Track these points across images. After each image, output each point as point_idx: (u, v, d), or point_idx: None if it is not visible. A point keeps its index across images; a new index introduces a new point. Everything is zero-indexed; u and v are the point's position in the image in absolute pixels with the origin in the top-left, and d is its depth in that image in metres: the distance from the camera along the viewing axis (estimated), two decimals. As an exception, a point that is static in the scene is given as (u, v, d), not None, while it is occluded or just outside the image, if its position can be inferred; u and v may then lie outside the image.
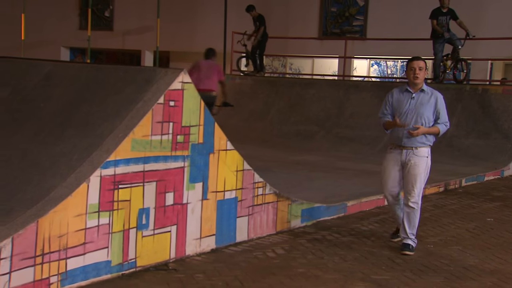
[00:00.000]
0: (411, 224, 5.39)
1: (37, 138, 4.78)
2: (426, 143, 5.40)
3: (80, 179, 4.18)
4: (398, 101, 5.47)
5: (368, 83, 15.56)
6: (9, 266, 3.71)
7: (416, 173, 5.32)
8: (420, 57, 5.48)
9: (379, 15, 16.86)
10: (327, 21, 17.80)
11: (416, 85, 5.40)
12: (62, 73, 5.49)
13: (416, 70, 5.35)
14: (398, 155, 5.41)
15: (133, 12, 19.57)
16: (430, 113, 5.38)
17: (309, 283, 4.56)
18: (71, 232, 4.06)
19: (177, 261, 4.84)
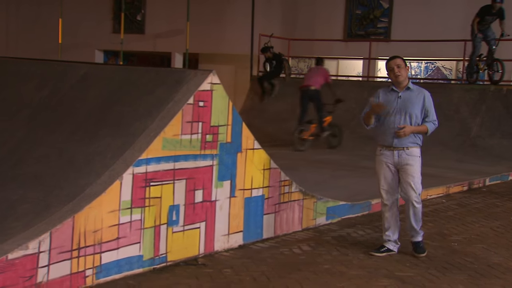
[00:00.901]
0: (418, 220, 5.21)
1: (73, 137, 4.84)
2: (417, 143, 5.17)
3: (114, 176, 4.22)
4: (384, 101, 5.18)
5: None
6: (47, 259, 3.77)
7: (413, 173, 5.10)
8: (396, 56, 5.25)
9: (404, 17, 16.69)
10: (352, 23, 17.69)
11: (400, 83, 5.15)
12: (97, 74, 5.55)
13: (395, 69, 5.12)
14: (389, 156, 5.15)
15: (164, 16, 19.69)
16: (419, 111, 5.12)
17: (334, 279, 4.54)
18: (105, 228, 4.11)
19: (206, 256, 4.86)
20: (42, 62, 6.29)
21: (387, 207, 5.22)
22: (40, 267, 3.72)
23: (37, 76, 5.73)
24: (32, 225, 3.89)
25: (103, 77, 5.52)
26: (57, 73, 5.73)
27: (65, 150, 4.75)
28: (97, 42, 20.65)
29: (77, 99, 5.26)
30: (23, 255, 3.63)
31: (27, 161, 4.82)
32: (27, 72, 5.87)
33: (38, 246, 3.70)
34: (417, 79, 17.62)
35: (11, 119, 5.31)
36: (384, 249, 5.22)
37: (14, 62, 6.25)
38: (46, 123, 5.15)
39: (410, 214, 5.18)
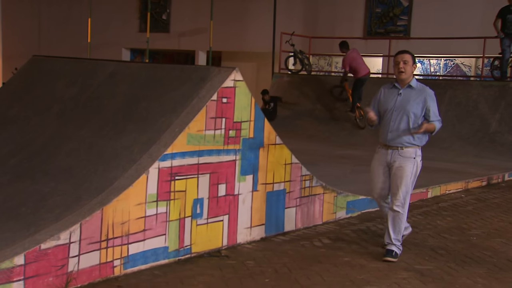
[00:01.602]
0: (396, 229, 4.78)
1: (102, 132, 4.89)
2: (414, 143, 4.79)
3: (140, 170, 4.25)
4: (385, 97, 4.93)
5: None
6: (78, 249, 3.82)
7: (402, 175, 4.74)
8: (406, 51, 4.90)
9: (423, 15, 16.52)
10: (372, 22, 17.56)
11: (402, 80, 4.84)
12: (124, 72, 5.59)
13: (400, 64, 4.78)
14: (383, 155, 4.86)
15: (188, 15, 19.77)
16: (418, 110, 4.77)
17: (354, 271, 4.53)
18: (132, 220, 4.15)
19: (229, 248, 4.88)
20: (73, 60, 6.35)
21: (385, 208, 5.02)
22: (71, 257, 3.78)
23: (68, 73, 5.79)
24: (63, 217, 3.94)
25: (130, 74, 5.56)
26: (87, 71, 5.79)
27: (94, 145, 4.80)
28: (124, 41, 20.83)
29: (105, 95, 5.31)
30: (55, 245, 3.68)
31: (58, 155, 4.87)
32: (58, 70, 5.94)
33: (69, 237, 3.76)
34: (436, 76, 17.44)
35: (43, 115, 5.38)
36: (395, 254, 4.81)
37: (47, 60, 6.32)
38: (76, 119, 5.20)
39: (390, 218, 4.80)
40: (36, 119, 5.37)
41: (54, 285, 3.69)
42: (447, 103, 12.31)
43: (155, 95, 5.03)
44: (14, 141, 5.21)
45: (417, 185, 7.56)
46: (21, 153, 5.02)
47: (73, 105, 5.37)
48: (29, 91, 5.80)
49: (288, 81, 14.87)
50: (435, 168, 9.25)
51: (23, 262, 3.53)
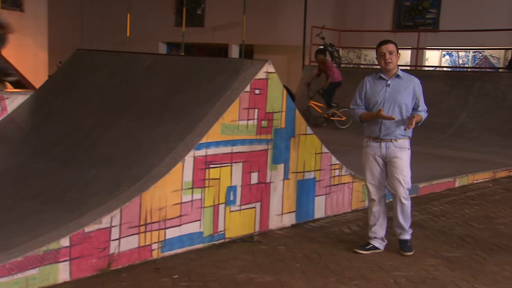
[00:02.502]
0: (406, 217, 4.60)
1: (140, 122, 4.94)
2: (406, 134, 4.51)
3: (177, 159, 4.29)
4: (372, 90, 4.54)
5: (440, 72, 14.98)
6: (118, 233, 3.88)
7: (401, 166, 4.48)
8: (388, 40, 4.52)
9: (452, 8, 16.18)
10: (401, 15, 17.29)
11: (389, 71, 4.47)
12: (161, 64, 5.63)
13: (386, 55, 4.41)
14: (376, 148, 4.52)
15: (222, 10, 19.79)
16: (409, 100, 4.46)
17: (383, 257, 4.49)
18: (169, 206, 4.19)
19: (261, 234, 4.89)
20: (113, 53, 6.43)
21: (374, 202, 4.63)
22: (112, 240, 3.84)
23: (109, 66, 5.86)
24: (104, 202, 4.00)
25: (167, 67, 5.59)
26: (126, 64, 5.84)
27: (133, 134, 4.86)
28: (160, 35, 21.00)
29: (143, 87, 5.36)
30: (97, 228, 3.75)
31: (100, 144, 4.95)
32: (100, 63, 6.01)
33: (110, 221, 3.82)
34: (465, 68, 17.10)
35: (86, 106, 5.46)
36: (370, 247, 4.61)
37: (89, 54, 6.40)
38: (116, 109, 5.26)
39: (398, 211, 4.58)
40: (79, 110, 5.46)
41: (97, 266, 3.77)
42: (475, 94, 12.06)
43: (190, 87, 5.05)
44: (59, 130, 5.31)
45: (444, 174, 7.50)
46: (66, 141, 5.11)
47: (114, 96, 5.43)
48: (73, 83, 5.89)
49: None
50: (463, 158, 9.11)
51: (69, 244, 3.60)
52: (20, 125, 5.60)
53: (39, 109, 5.74)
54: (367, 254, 4.54)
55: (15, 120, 5.66)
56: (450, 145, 10.45)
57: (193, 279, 3.83)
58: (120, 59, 6.04)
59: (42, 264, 3.49)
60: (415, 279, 4.07)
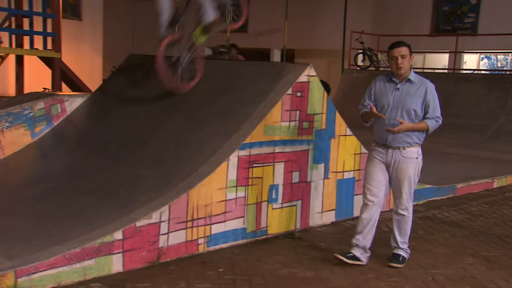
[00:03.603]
0: (402, 232, 4.15)
1: (187, 123, 4.98)
2: (416, 141, 4.06)
3: (222, 158, 4.31)
4: (381, 92, 4.12)
5: (478, 75, 14.59)
6: (167, 227, 3.93)
7: (405, 177, 4.03)
8: (401, 43, 4.08)
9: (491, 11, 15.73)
10: (439, 19, 16.92)
11: (401, 75, 4.06)
12: (207, 68, 5.66)
13: (398, 59, 3.99)
14: (383, 154, 4.08)
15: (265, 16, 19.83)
16: (418, 106, 4.00)
17: (421, 255, 4.40)
18: (214, 203, 4.22)
19: (301, 231, 4.87)
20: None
21: (367, 207, 4.13)
22: (161, 234, 3.89)
23: (158, 70, 5.91)
24: (154, 199, 4.05)
25: (213, 70, 5.62)
26: (174, 68, 5.90)
27: (181, 135, 4.91)
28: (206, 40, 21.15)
29: (190, 90, 5.39)
30: (148, 223, 3.81)
31: (150, 144, 5.01)
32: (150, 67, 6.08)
33: (160, 216, 3.87)
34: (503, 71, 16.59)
35: (137, 108, 5.54)
36: (350, 255, 4.10)
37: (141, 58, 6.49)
38: (164, 111, 5.32)
39: (395, 223, 4.18)
40: (131, 112, 5.54)
41: (147, 258, 3.83)
42: (515, 96, 11.72)
43: (235, 89, 5.07)
44: (113, 130, 5.40)
45: (482, 175, 7.29)
46: (119, 141, 5.21)
47: (163, 99, 5.49)
48: (126, 86, 5.99)
49: (357, 76, 14.61)
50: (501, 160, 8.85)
51: (122, 237, 3.67)
52: (78, 126, 5.74)
53: (95, 110, 5.86)
54: (348, 262, 4.05)
55: (73, 121, 5.81)
56: (488, 146, 10.16)
57: (237, 273, 3.84)
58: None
59: (98, 255, 3.57)
60: (454, 277, 3.97)
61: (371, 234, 4.15)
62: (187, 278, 3.70)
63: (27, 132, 5.60)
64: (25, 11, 10.76)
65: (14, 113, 5.54)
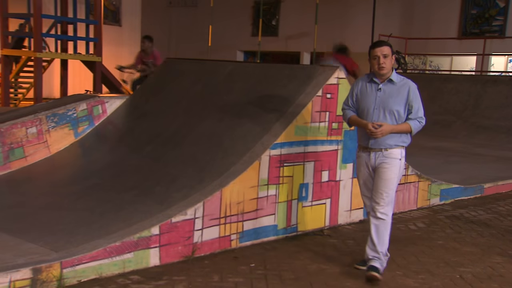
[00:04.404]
0: (381, 240, 3.71)
1: (221, 123, 4.99)
2: (399, 144, 3.73)
3: (254, 157, 4.30)
4: (362, 93, 3.81)
5: (506, 77, 14.22)
6: (201, 223, 3.95)
7: (387, 177, 3.70)
8: (383, 42, 3.81)
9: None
10: (467, 23, 16.56)
11: (382, 75, 3.76)
12: (240, 71, 5.68)
13: (380, 59, 3.69)
14: (366, 158, 3.80)
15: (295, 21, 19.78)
16: (401, 107, 3.70)
17: (449, 254, 4.31)
18: (246, 200, 4.22)
19: (330, 228, 4.83)
20: (197, 61, 6.54)
21: None
22: (195, 230, 3.91)
23: (194, 73, 5.97)
24: (189, 196, 4.07)
25: (246, 73, 5.63)
26: (208, 70, 5.93)
27: (215, 134, 4.92)
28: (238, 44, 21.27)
29: (224, 91, 5.42)
30: (183, 219, 3.83)
31: (185, 143, 5.05)
32: (186, 70, 6.14)
33: (194, 213, 3.89)
34: (530, 73, 16.16)
35: (173, 109, 5.59)
36: None
37: (177, 62, 6.55)
38: (199, 112, 5.35)
39: (372, 228, 3.73)
40: (167, 112, 5.60)
41: (182, 253, 3.85)
42: (541, 98, 11.39)
43: (267, 91, 5.06)
44: (150, 130, 5.47)
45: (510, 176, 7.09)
46: (156, 140, 5.26)
47: (198, 99, 5.54)
48: (163, 88, 6.05)
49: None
50: (528, 160, 8.60)
51: (158, 232, 3.71)
52: (117, 125, 5.82)
53: (133, 111, 5.94)
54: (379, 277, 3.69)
55: (113, 122, 5.90)
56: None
57: (268, 268, 3.83)
58: (204, 66, 6.14)
59: (136, 249, 3.61)
60: (481, 276, 3.87)
61: None
62: (220, 272, 3.72)
63: (70, 131, 5.72)
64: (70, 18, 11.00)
65: (59, 114, 5.66)
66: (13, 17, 10.47)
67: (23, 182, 5.05)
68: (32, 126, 5.48)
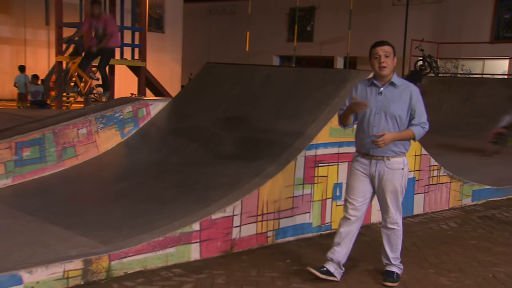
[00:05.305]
0: (394, 247, 3.58)
1: (259, 125, 5.00)
2: (402, 151, 3.46)
3: (289, 158, 4.30)
4: (362, 97, 3.49)
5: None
6: (239, 221, 3.96)
7: (392, 190, 3.46)
8: (385, 41, 3.47)
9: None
10: (500, 27, 16.08)
11: (383, 77, 3.43)
12: (276, 75, 5.67)
13: (381, 58, 3.39)
14: (366, 166, 3.49)
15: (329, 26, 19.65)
16: (403, 112, 3.41)
17: (481, 253, 4.19)
18: (283, 199, 4.21)
19: (363, 227, 4.72)
20: (235, 66, 6.58)
21: (347, 222, 3.57)
22: (234, 227, 3.93)
23: (232, 77, 5.99)
24: (228, 194, 4.09)
25: (281, 77, 5.62)
26: (246, 74, 5.95)
27: (252, 135, 4.93)
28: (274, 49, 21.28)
29: (261, 95, 5.42)
30: (222, 216, 3.86)
31: (224, 144, 5.07)
32: (225, 74, 6.17)
33: (233, 210, 3.91)
34: None
35: (213, 111, 5.62)
36: (323, 270, 3.54)
37: (216, 66, 6.59)
38: (238, 114, 5.38)
39: (384, 238, 3.61)
40: (207, 114, 5.64)
41: (221, 248, 3.87)
42: None
43: (302, 94, 5.04)
44: (191, 131, 5.52)
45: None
46: (196, 141, 5.30)
47: (236, 102, 5.56)
48: (202, 91, 6.10)
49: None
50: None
51: (199, 228, 3.74)
52: (160, 127, 5.90)
53: (175, 113, 6.01)
54: (321, 277, 3.50)
55: (156, 123, 5.98)
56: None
57: (304, 264, 3.80)
58: (241, 70, 6.16)
59: (178, 244, 3.65)
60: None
61: (347, 248, 3.59)
62: (257, 267, 3.71)
63: (117, 132, 5.83)
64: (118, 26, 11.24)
65: (107, 116, 5.77)
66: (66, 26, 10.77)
67: (75, 179, 5.18)
68: (82, 127, 5.62)
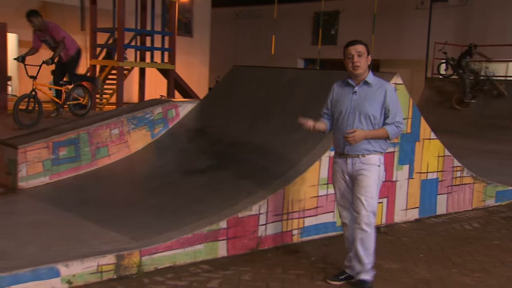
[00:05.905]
0: (367, 252, 3.30)
1: (284, 126, 4.99)
2: (376, 149, 3.29)
3: (314, 158, 4.28)
4: (338, 96, 3.40)
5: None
6: (265, 219, 3.96)
7: (366, 185, 3.25)
8: (358, 41, 3.32)
9: None
10: (524, 28, 15.69)
11: (357, 76, 3.30)
12: (301, 77, 5.64)
13: (354, 57, 3.24)
14: (343, 165, 3.34)
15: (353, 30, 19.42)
16: (377, 111, 3.25)
17: (505, 254, 4.09)
18: (307, 198, 4.19)
19: (387, 226, 4.71)
20: (262, 68, 6.56)
21: (345, 226, 3.47)
22: (260, 225, 3.93)
23: (258, 79, 5.99)
24: (254, 193, 4.10)
25: (306, 79, 5.60)
26: (272, 77, 5.93)
27: (278, 137, 4.92)
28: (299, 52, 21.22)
29: (286, 96, 5.41)
30: (249, 214, 3.86)
31: (250, 144, 5.07)
32: (251, 76, 6.18)
33: (259, 209, 3.91)
34: None
35: (239, 112, 5.64)
36: (344, 276, 3.45)
37: (243, 69, 6.60)
38: (264, 116, 5.37)
39: (357, 239, 3.30)
40: (234, 116, 5.65)
41: (247, 245, 3.88)
42: None
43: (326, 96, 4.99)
44: (219, 132, 5.54)
45: None
46: (223, 142, 5.33)
47: (262, 104, 5.55)
48: (230, 93, 6.12)
49: (439, 84, 13.96)
50: None
51: (226, 226, 3.75)
52: (189, 128, 5.94)
53: (203, 115, 6.04)
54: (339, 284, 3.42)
55: (185, 124, 6.03)
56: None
57: (328, 262, 3.79)
58: (267, 73, 6.16)
59: (206, 241, 3.67)
60: (539, 278, 3.64)
61: None
62: (282, 264, 3.71)
63: (148, 133, 5.90)
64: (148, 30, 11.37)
65: (138, 116, 5.85)
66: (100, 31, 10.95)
67: (107, 178, 5.27)
68: (115, 127, 5.70)
